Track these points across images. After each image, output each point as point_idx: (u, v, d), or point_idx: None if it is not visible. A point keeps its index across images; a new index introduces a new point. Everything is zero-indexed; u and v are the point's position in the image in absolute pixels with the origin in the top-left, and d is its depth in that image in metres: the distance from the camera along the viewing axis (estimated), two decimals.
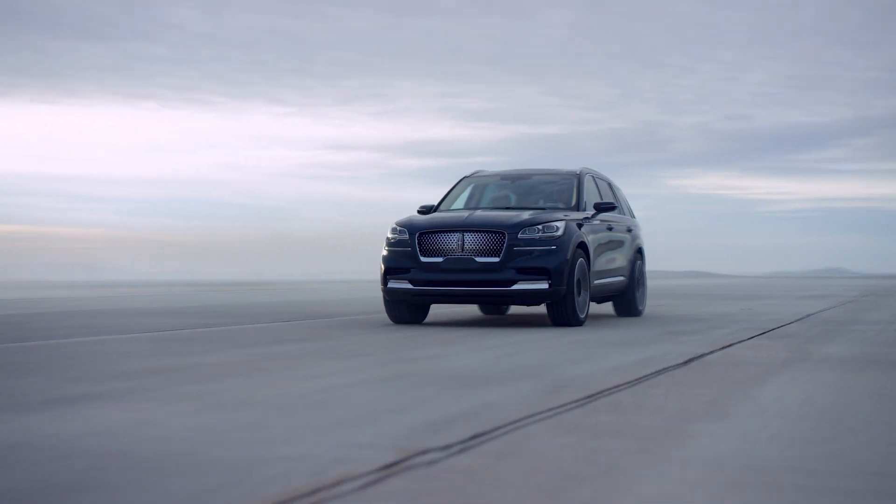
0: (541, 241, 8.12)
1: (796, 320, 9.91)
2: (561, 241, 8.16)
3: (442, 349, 6.07)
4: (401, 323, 8.74)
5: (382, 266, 8.58)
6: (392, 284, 8.50)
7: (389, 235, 8.65)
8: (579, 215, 8.90)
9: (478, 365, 5.04)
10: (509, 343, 6.57)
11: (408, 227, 8.52)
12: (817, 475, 2.35)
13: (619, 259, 10.00)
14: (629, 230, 10.48)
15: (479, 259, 8.13)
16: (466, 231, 8.23)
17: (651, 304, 15.55)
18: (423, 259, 8.31)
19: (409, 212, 9.42)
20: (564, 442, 2.77)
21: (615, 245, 9.82)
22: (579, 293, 8.44)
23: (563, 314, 8.30)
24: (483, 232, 8.18)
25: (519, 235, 8.11)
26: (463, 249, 8.20)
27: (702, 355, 5.73)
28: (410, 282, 8.39)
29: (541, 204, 9.42)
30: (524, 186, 9.86)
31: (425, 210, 9.56)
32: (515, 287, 8.07)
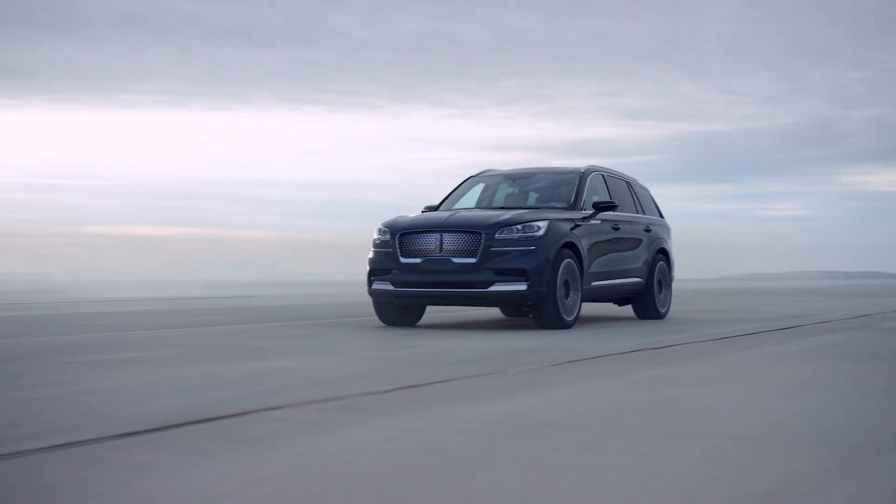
0: (519, 242, 8.03)
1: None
2: (541, 242, 8.03)
3: (623, 324, 9.67)
4: (391, 325, 8.79)
5: (367, 267, 8.64)
6: (375, 286, 8.53)
7: (375, 236, 8.64)
8: (574, 214, 8.75)
9: (654, 329, 8.71)
10: (666, 320, 10.16)
11: (390, 227, 8.50)
12: (789, 357, 5.89)
13: (632, 259, 9.82)
14: (647, 230, 10.24)
15: (456, 260, 8.08)
16: (445, 231, 8.18)
17: (796, 299, 18.48)
18: (402, 260, 8.30)
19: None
20: (700, 349, 6.41)
21: (625, 245, 9.65)
22: (567, 295, 8.34)
23: (546, 316, 8.19)
24: (460, 232, 8.14)
25: (496, 236, 8.03)
26: (441, 250, 8.15)
27: (801, 325, 9.13)
28: (392, 283, 8.40)
29: (537, 203, 9.32)
30: (526, 186, 9.77)
31: (427, 210, 9.58)
32: (493, 288, 8.02)
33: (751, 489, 2.26)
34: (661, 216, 11.05)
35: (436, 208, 9.64)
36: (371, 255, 8.58)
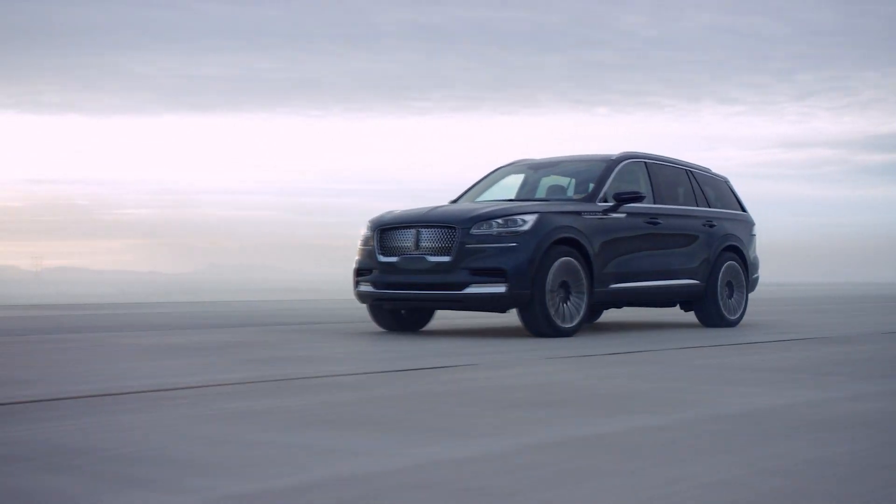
0: (499, 238, 7.18)
1: None
2: (526, 238, 7.14)
3: (650, 332, 8.57)
4: (391, 330, 8.01)
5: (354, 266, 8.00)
6: (360, 287, 7.82)
7: (362, 232, 7.97)
8: (586, 207, 7.74)
9: (675, 337, 7.72)
10: (732, 329, 8.94)
11: (373, 223, 7.81)
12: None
13: (681, 258, 8.60)
14: (709, 225, 8.93)
15: (431, 258, 7.30)
16: (422, 227, 7.42)
17: None
18: (381, 259, 7.59)
19: (876, 209, 10.18)
20: (822, 350, 6.24)
21: (668, 242, 8.50)
22: (567, 299, 7.35)
23: (534, 322, 7.22)
24: (436, 228, 7.35)
25: (472, 231, 7.20)
26: (418, 247, 7.39)
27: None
28: (372, 284, 7.67)
29: (551, 195, 8.42)
30: (540, 176, 8.88)
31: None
32: (468, 290, 7.16)
33: None
34: (743, 209, 9.74)
35: (456, 201, 8.79)
36: (358, 253, 7.93)
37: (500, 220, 7.23)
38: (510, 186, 9.01)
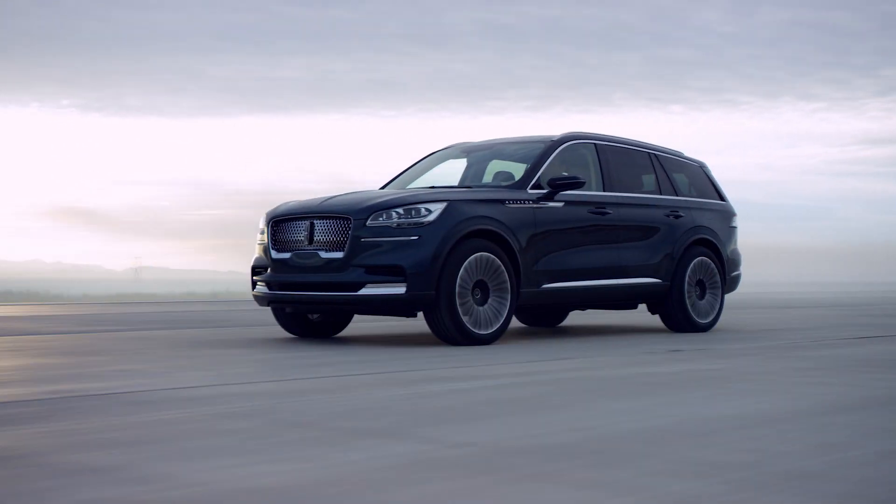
0: (399, 231, 6.23)
1: None
2: (430, 230, 6.18)
3: (590, 338, 7.61)
4: (303, 336, 7.15)
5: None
6: (257, 288, 6.86)
7: (260, 225, 7.02)
8: (514, 195, 6.77)
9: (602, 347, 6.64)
10: (701, 336, 7.92)
11: (268, 215, 6.89)
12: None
13: (638, 254, 7.53)
14: (674, 215, 7.86)
15: (324, 254, 6.35)
16: (315, 219, 6.49)
17: None
18: (274, 255, 6.67)
19: None
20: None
21: (620, 235, 7.45)
22: (484, 301, 6.38)
23: (442, 329, 6.27)
24: (330, 219, 6.41)
25: (368, 223, 6.25)
26: (311, 242, 6.46)
27: None
28: (266, 284, 6.72)
29: (497, 182, 7.35)
30: (484, 160, 7.90)
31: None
32: (364, 292, 6.18)
33: None
34: (722, 198, 8.55)
35: (384, 188, 7.93)
36: (256, 250, 7.04)
37: (400, 210, 6.25)
38: (451, 173, 7.97)
